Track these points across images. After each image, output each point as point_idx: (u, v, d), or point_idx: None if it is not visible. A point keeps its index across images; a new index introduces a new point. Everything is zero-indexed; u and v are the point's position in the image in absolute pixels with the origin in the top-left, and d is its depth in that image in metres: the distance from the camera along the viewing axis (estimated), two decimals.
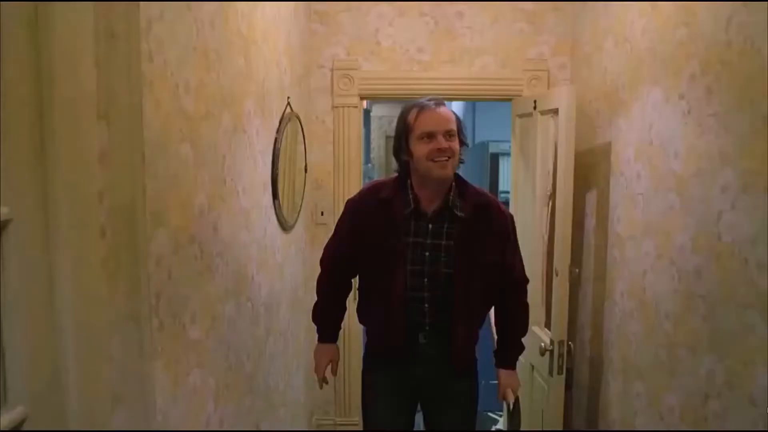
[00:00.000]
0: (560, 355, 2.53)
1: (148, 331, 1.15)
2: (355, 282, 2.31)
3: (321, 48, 3.12)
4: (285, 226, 2.45)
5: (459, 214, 2.01)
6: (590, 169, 2.76)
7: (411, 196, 2.03)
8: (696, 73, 1.84)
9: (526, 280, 2.26)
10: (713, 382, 1.69)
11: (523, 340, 2.24)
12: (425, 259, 2.02)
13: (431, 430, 2.22)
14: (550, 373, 2.57)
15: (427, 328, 2.06)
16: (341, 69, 3.12)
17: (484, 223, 2.06)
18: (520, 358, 2.34)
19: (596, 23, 2.80)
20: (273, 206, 2.25)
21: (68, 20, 0.92)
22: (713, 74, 1.74)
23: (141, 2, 1.12)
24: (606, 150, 2.59)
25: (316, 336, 2.28)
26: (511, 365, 2.26)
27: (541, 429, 2.75)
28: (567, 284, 2.54)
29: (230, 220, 1.71)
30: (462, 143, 1.99)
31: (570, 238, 2.52)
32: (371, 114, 9.01)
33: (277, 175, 2.22)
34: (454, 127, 1.96)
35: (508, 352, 2.25)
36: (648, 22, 2.21)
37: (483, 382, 2.24)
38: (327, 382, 2.32)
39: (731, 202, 1.62)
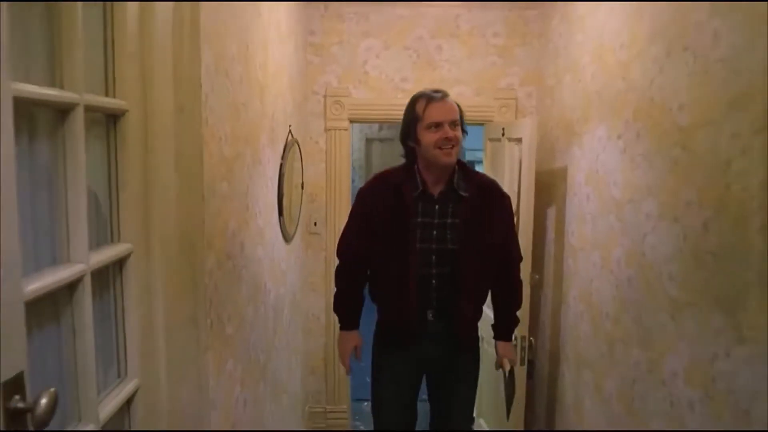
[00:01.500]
0: (522, 348, 2.95)
1: (204, 330, 1.53)
2: None
3: (316, 77, 3.49)
4: (287, 238, 2.83)
5: (463, 194, 2.20)
6: (550, 188, 3.18)
7: (419, 180, 2.21)
8: (630, 119, 2.26)
9: (521, 258, 2.46)
10: (639, 369, 2.12)
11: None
12: (433, 237, 2.20)
13: (434, 400, 2.44)
14: None
15: (435, 304, 2.24)
16: (333, 96, 3.50)
17: (487, 202, 2.25)
18: (490, 350, 2.73)
19: (557, 61, 3.22)
20: (279, 222, 2.62)
21: (161, 105, 1.30)
22: (642, 122, 2.16)
23: (203, 80, 1.49)
24: (563, 173, 3.01)
25: (339, 325, 2.46)
26: (508, 338, 2.49)
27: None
28: (528, 288, 2.95)
29: (251, 239, 2.08)
30: (463, 131, 2.20)
31: (531, 248, 2.94)
32: None
33: (282, 195, 2.59)
34: (458, 117, 2.16)
35: (505, 326, 2.48)
36: (596, 69, 2.63)
37: None
38: (350, 372, 2.50)
39: (652, 226, 2.04)
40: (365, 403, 3.86)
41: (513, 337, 2.54)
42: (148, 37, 1.22)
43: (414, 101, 2.23)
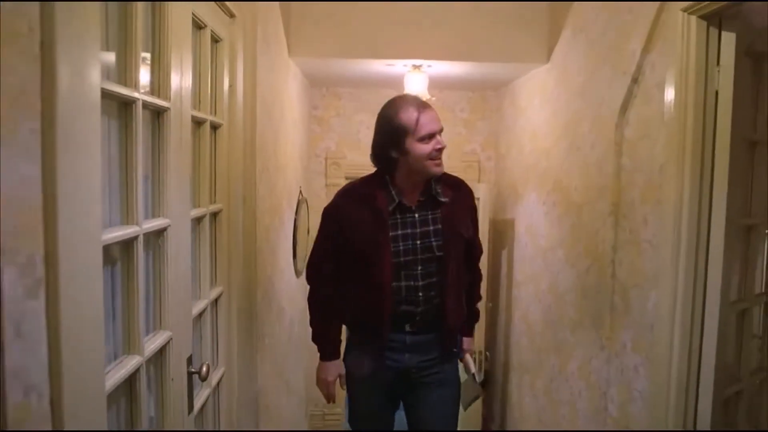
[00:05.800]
0: (480, 361, 3.78)
1: (255, 340, 2.34)
2: None
3: (317, 143, 4.35)
4: (297, 273, 3.65)
5: (442, 200, 2.12)
6: (504, 234, 4.04)
7: (394, 192, 2.10)
8: (550, 191, 3.13)
9: (482, 251, 2.43)
10: (554, 371, 2.96)
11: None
12: (417, 248, 2.10)
13: (417, 414, 2.30)
14: None
15: (418, 318, 2.12)
16: (332, 158, 4.36)
17: (460, 202, 2.20)
18: None
19: (507, 135, 4.10)
20: (293, 263, 3.45)
21: (236, 203, 2.13)
22: (555, 194, 3.03)
23: (257, 179, 2.32)
24: (512, 223, 3.87)
25: (318, 355, 2.32)
26: (471, 334, 2.46)
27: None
28: (485, 314, 3.79)
29: (277, 277, 2.91)
30: None
31: (486, 282, 3.78)
32: None
33: (296, 242, 3.43)
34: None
35: (469, 321, 2.41)
36: (531, 148, 3.51)
37: None
38: (334, 401, 2.37)
39: (561, 268, 2.90)
40: None
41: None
42: (233, 159, 2.05)
43: (397, 111, 2.07)
